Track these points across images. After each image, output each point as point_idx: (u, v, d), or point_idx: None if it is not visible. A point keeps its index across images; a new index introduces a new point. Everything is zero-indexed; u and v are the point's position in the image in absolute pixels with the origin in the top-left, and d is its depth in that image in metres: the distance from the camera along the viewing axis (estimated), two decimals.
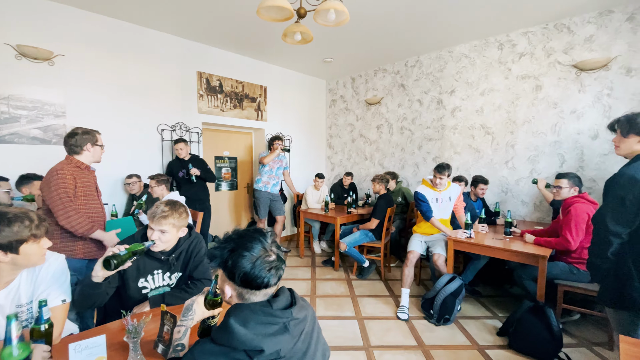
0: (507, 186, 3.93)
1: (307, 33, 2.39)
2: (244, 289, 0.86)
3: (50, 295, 1.27)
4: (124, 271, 1.48)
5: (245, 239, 0.88)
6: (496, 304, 3.11)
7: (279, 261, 0.90)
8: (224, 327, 0.79)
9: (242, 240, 0.88)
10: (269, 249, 0.89)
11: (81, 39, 3.31)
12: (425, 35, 3.97)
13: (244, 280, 0.84)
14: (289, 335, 0.81)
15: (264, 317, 0.81)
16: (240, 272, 0.84)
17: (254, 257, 0.85)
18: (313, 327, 0.93)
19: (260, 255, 0.86)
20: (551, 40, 3.57)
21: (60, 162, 2.08)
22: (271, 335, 0.79)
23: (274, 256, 0.89)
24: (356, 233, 3.70)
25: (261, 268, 0.84)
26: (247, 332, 0.77)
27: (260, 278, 0.84)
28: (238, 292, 0.87)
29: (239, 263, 0.84)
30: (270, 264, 0.86)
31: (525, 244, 2.68)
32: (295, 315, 0.85)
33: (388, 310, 2.95)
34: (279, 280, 0.90)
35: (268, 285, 0.86)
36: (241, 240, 0.88)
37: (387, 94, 5.10)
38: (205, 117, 4.34)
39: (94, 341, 1.08)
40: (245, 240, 0.88)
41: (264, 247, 0.88)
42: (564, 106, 3.51)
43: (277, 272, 0.87)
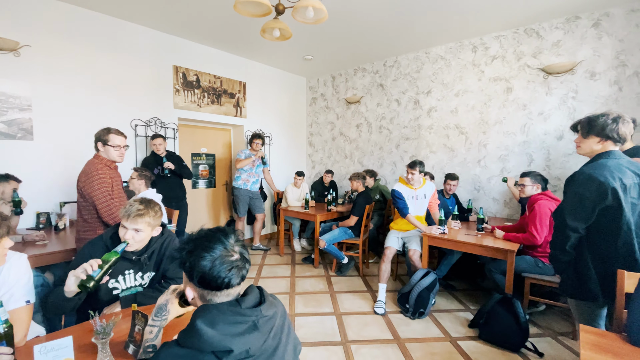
0: (479, 184, 4.09)
1: (285, 30, 2.39)
2: (204, 290, 0.84)
3: (13, 297, 1.21)
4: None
5: (205, 239, 0.86)
6: (469, 297, 3.24)
7: (242, 261, 0.88)
8: (190, 329, 0.77)
9: (202, 240, 0.86)
10: (230, 249, 0.87)
11: (50, 30, 3.15)
12: (403, 36, 4.04)
13: (203, 281, 0.83)
14: (258, 333, 0.81)
15: (232, 316, 0.80)
16: (198, 273, 0.82)
17: (214, 257, 0.83)
18: (284, 323, 0.93)
19: (220, 255, 0.84)
20: (521, 44, 3.73)
21: (92, 160, 2.23)
22: (240, 334, 0.78)
23: (237, 256, 0.87)
24: (335, 230, 3.74)
25: (220, 268, 0.82)
26: (215, 333, 0.75)
27: (219, 278, 0.82)
28: (199, 293, 0.86)
29: (196, 264, 0.82)
30: (231, 264, 0.84)
31: (495, 239, 2.80)
32: (265, 312, 0.85)
33: (366, 305, 3.01)
34: (243, 280, 0.88)
35: (229, 286, 0.84)
36: (201, 240, 0.86)
37: (366, 93, 5.17)
38: (182, 113, 4.24)
39: (60, 342, 1.04)
40: (205, 240, 0.86)
41: (225, 247, 0.86)
42: (533, 108, 3.68)
43: (239, 271, 0.85)
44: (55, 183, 3.27)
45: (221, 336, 0.75)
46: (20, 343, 1.21)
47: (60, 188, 3.30)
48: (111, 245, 1.46)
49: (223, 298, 0.85)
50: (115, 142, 2.21)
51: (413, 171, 3.07)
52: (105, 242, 1.48)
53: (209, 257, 0.82)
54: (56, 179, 3.27)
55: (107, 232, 1.52)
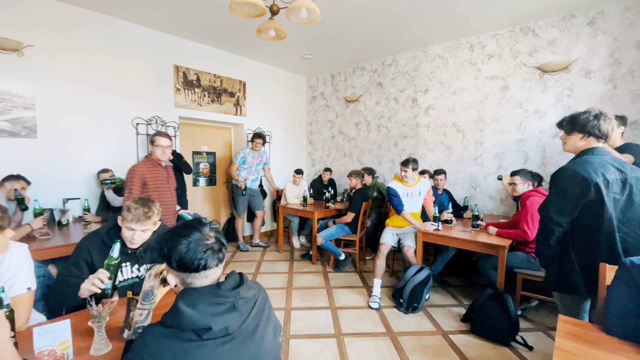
0: (476, 182, 4.12)
1: (281, 30, 2.45)
2: (183, 273, 0.90)
3: (15, 284, 1.28)
4: (93, 266, 1.49)
5: (182, 228, 0.93)
6: (463, 293, 3.28)
7: (218, 244, 0.93)
8: (173, 310, 0.83)
9: (179, 229, 0.93)
10: (205, 234, 0.92)
11: (52, 30, 3.23)
12: (401, 35, 4.08)
13: (180, 264, 0.88)
14: (236, 313, 0.87)
15: (212, 297, 0.86)
16: (175, 257, 0.88)
17: (189, 241, 0.89)
18: (264, 306, 0.99)
19: (195, 239, 0.90)
20: (518, 42, 3.75)
21: (145, 158, 2.75)
22: (219, 314, 0.84)
23: (212, 240, 0.92)
24: (332, 227, 3.79)
25: (196, 250, 0.88)
26: (195, 313, 0.81)
27: (196, 260, 0.87)
28: (180, 278, 0.92)
29: (174, 248, 0.88)
30: (206, 246, 0.90)
31: (488, 235, 2.84)
32: (243, 294, 0.91)
33: (361, 300, 3.06)
34: (220, 262, 0.94)
35: (206, 267, 0.89)
36: (178, 229, 0.93)
37: (365, 92, 5.21)
38: (182, 112, 4.31)
39: (58, 325, 1.11)
40: (181, 228, 0.92)
41: (200, 233, 0.92)
42: (529, 106, 3.70)
43: (214, 253, 0.91)
44: (58, 180, 3.35)
45: (201, 315, 0.81)
46: (22, 328, 1.27)
47: (63, 185, 3.39)
48: (107, 240, 1.51)
49: (202, 281, 0.91)
50: (159, 143, 2.66)
51: (406, 169, 3.12)
52: (101, 236, 1.53)
53: (185, 241, 0.88)
54: (59, 176, 3.36)
55: (104, 227, 1.57)
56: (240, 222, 4.67)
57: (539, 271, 2.64)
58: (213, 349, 0.80)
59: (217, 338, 0.82)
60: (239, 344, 0.85)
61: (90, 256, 1.49)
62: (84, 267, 1.47)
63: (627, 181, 1.59)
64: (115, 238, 1.55)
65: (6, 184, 2.74)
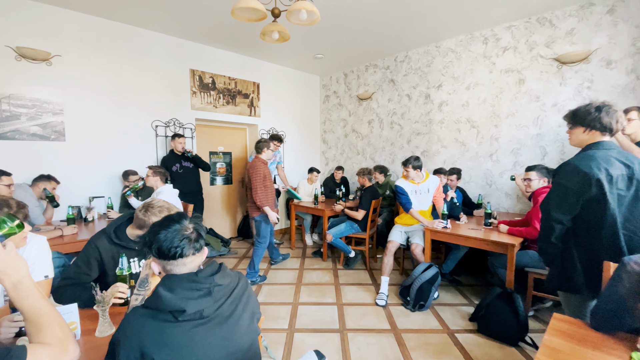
0: (491, 179, 4.01)
1: (284, 32, 2.51)
2: (162, 260, 0.98)
3: (33, 272, 1.42)
4: (103, 263, 1.61)
5: (164, 220, 1.02)
6: (474, 292, 3.21)
7: (195, 234, 1.01)
8: (153, 294, 0.92)
9: (162, 221, 1.02)
10: (184, 225, 1.00)
11: (77, 40, 3.47)
12: (413, 30, 4.04)
13: (160, 252, 0.96)
14: (211, 298, 0.94)
15: (189, 283, 0.94)
16: (155, 245, 0.96)
17: (167, 231, 0.97)
18: (243, 294, 1.06)
19: (174, 229, 0.98)
20: (534, 34, 3.61)
21: (255, 158, 3.44)
22: (194, 298, 0.92)
23: (190, 230, 1.00)
24: (342, 224, 3.82)
25: (173, 239, 0.96)
26: (172, 296, 0.89)
27: (172, 248, 0.95)
28: (161, 265, 1.00)
29: (154, 238, 0.97)
30: (182, 236, 0.98)
31: (499, 234, 2.77)
32: (219, 281, 0.98)
33: (368, 297, 3.08)
34: (197, 251, 1.01)
35: (182, 255, 0.96)
36: (160, 221, 1.02)
37: (377, 89, 5.19)
38: (199, 114, 4.49)
39: (67, 307, 1.22)
40: (164, 221, 1.02)
41: (179, 224, 1.00)
42: (546, 99, 3.56)
43: (190, 242, 0.98)
44: (85, 179, 3.60)
45: (177, 299, 0.89)
46: None
47: (89, 184, 3.63)
48: (115, 238, 1.62)
49: (181, 268, 0.98)
50: (270, 147, 3.44)
51: (407, 169, 3.12)
52: (109, 234, 1.62)
53: (164, 232, 0.97)
54: (86, 175, 3.61)
55: (110, 227, 1.65)
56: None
57: None
58: (187, 330, 0.88)
59: (191, 320, 0.89)
60: (213, 327, 0.92)
61: (99, 254, 1.58)
62: (94, 265, 1.57)
63: (634, 177, 1.52)
64: (122, 236, 1.66)
65: (39, 183, 2.99)
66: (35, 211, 2.89)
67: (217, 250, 4.28)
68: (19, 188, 2.89)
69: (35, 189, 3.01)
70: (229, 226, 5.29)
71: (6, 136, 3.13)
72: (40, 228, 2.80)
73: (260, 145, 3.40)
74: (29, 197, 2.90)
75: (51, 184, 3.12)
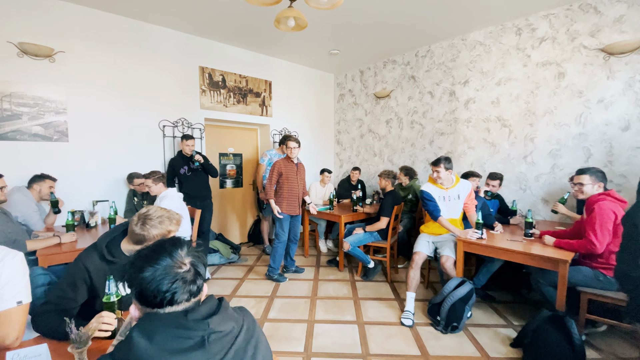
0: (525, 183, 3.64)
1: (301, 18, 2.24)
2: (145, 307, 0.73)
3: (3, 297, 1.17)
4: (93, 285, 1.36)
5: (151, 250, 0.77)
6: (512, 310, 2.86)
7: (193, 274, 0.75)
8: (126, 340, 0.66)
9: (147, 251, 0.77)
10: (178, 260, 0.75)
11: (82, 36, 3.29)
12: (436, 23, 3.73)
13: (142, 297, 0.71)
14: (204, 353, 0.67)
15: (175, 329, 0.68)
16: (137, 287, 0.71)
17: (155, 269, 0.72)
18: (249, 341, 0.78)
19: (164, 266, 0.73)
20: (575, 22, 3.25)
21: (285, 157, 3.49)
22: (182, 351, 0.65)
23: (185, 267, 0.75)
24: (360, 232, 3.52)
25: (162, 281, 0.70)
26: (150, 347, 0.64)
27: (160, 293, 0.70)
28: (142, 311, 0.74)
29: (136, 277, 0.72)
30: (175, 276, 0.72)
31: (544, 246, 2.43)
32: (215, 327, 0.71)
33: (392, 314, 2.77)
34: (193, 296, 0.75)
35: (173, 302, 0.71)
36: (146, 251, 0.77)
37: (396, 87, 4.87)
38: (208, 113, 4.27)
39: (34, 350, 0.98)
40: (150, 251, 0.76)
41: (172, 259, 0.74)
42: (590, 95, 3.19)
43: (185, 285, 0.72)
44: (89, 182, 3.41)
45: (157, 351, 0.63)
46: (14, 344, 1.17)
47: (93, 187, 3.44)
48: (107, 254, 1.37)
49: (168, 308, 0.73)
50: (290, 145, 3.41)
51: (437, 168, 2.78)
52: (100, 250, 1.37)
53: (150, 269, 0.71)
54: (90, 178, 3.42)
55: (102, 241, 1.40)
56: (267, 225, 4.54)
57: (611, 291, 2.19)
58: None
59: None
60: None
61: (88, 275, 1.33)
62: (81, 288, 1.32)
63: None
64: (115, 252, 1.41)
65: (34, 185, 2.79)
66: (33, 216, 2.69)
67: (226, 257, 4.03)
68: (17, 191, 2.70)
69: (33, 192, 2.81)
70: (239, 231, 5.05)
71: (7, 136, 2.96)
72: (38, 235, 2.60)
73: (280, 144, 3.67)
74: (27, 201, 2.71)
75: (46, 183, 2.88)
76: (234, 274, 3.72)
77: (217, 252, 4.00)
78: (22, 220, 2.61)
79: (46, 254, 2.26)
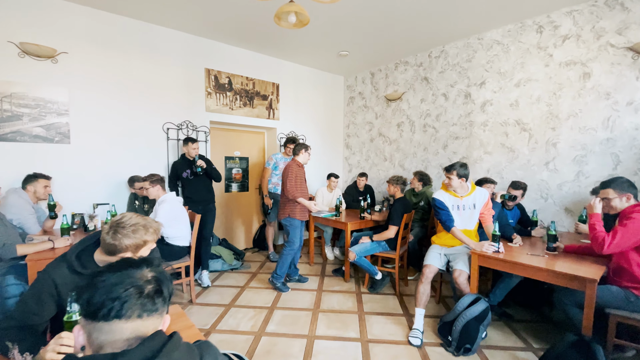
0: (547, 191, 3.38)
1: (302, 14, 2.11)
2: (88, 321, 0.61)
3: None
4: (60, 300, 1.23)
5: (120, 262, 0.69)
6: (532, 331, 2.61)
7: (153, 286, 0.65)
8: None
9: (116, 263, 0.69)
10: (141, 272, 0.67)
11: (85, 37, 3.25)
12: (451, 22, 3.54)
13: (87, 306, 0.61)
14: None
15: None
16: (85, 297, 0.61)
17: (112, 275, 0.64)
18: None
19: (122, 272, 0.65)
20: (601, 19, 3.01)
21: (292, 160, 3.36)
22: None
23: (145, 279, 0.66)
24: (367, 241, 3.33)
25: (114, 288, 0.61)
26: None
27: (108, 300, 0.60)
28: (86, 330, 0.62)
29: (91, 283, 0.63)
30: (131, 283, 0.63)
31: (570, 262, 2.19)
32: None
33: (399, 332, 2.57)
34: (149, 313, 0.63)
35: (121, 314, 0.60)
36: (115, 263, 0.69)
37: (408, 89, 4.68)
38: (213, 116, 4.18)
39: None
40: (119, 263, 0.69)
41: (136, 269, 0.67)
42: (619, 96, 2.93)
43: (139, 297, 0.62)
44: (91, 185, 3.35)
45: None
46: None
47: (95, 189, 3.38)
48: (78, 266, 1.25)
49: (109, 336, 0.60)
50: (309, 151, 3.42)
51: (450, 175, 2.59)
52: (69, 262, 1.25)
53: (106, 274, 0.64)
54: (91, 180, 3.36)
55: (72, 251, 1.28)
56: (271, 231, 4.40)
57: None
58: None
59: None
60: None
61: (55, 288, 1.21)
62: (48, 302, 1.20)
63: None
64: (87, 264, 1.29)
65: (28, 187, 2.72)
66: (29, 219, 2.62)
67: (229, 263, 3.91)
68: (13, 193, 2.64)
69: (28, 193, 2.73)
70: (244, 236, 4.93)
71: (7, 137, 2.92)
72: (33, 238, 2.53)
73: (297, 149, 3.38)
74: (23, 204, 2.64)
75: (40, 182, 2.77)
76: (235, 281, 3.58)
77: (219, 258, 3.89)
78: (17, 223, 2.55)
79: (36, 260, 2.17)
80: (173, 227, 2.89)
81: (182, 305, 2.98)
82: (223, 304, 3.01)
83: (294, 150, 3.42)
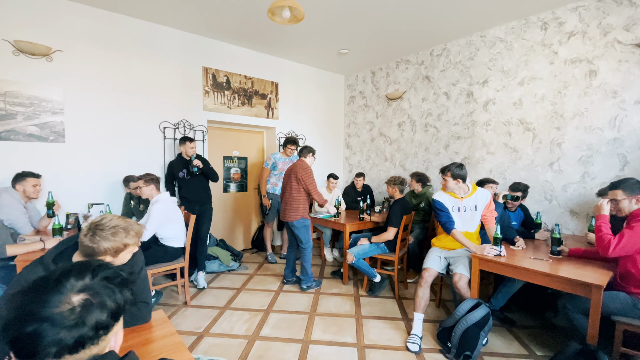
0: (551, 193, 3.29)
1: (297, 9, 2.05)
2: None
3: None
4: None
5: (41, 278, 0.58)
6: (534, 337, 2.53)
7: (77, 317, 0.54)
8: None
9: (35, 281, 0.57)
10: (65, 297, 0.55)
11: (81, 34, 3.21)
12: (453, 19, 3.46)
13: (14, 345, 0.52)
14: None
15: None
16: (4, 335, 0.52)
17: (23, 303, 0.54)
18: None
19: (40, 303, 0.54)
20: (608, 15, 2.91)
21: (300, 160, 3.30)
22: None
23: (69, 306, 0.54)
24: (366, 243, 3.26)
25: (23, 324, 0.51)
26: None
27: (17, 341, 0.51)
28: None
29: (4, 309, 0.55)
30: (45, 317, 0.52)
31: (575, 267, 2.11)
32: None
33: (397, 337, 2.49)
34: (66, 352, 0.54)
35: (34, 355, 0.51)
36: (34, 281, 0.56)
37: (409, 88, 4.60)
38: (211, 115, 4.13)
39: None
40: (40, 278, 0.57)
41: (56, 291, 0.55)
42: (626, 95, 2.84)
43: (56, 332, 0.52)
44: (86, 184, 3.31)
45: None
46: None
47: (90, 189, 3.34)
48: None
49: None
50: (315, 156, 3.44)
51: (445, 177, 2.52)
52: (46, 265, 1.19)
53: (19, 298, 0.54)
54: (86, 180, 3.32)
55: (49, 254, 1.23)
56: (269, 232, 4.34)
57: None
58: None
59: None
60: None
61: None
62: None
63: None
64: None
65: (17, 186, 2.67)
66: (20, 219, 2.58)
67: (226, 265, 3.85)
68: (4, 192, 2.61)
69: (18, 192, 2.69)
70: (242, 237, 4.88)
71: (0, 136, 2.89)
72: (25, 239, 2.48)
73: (304, 151, 3.35)
74: (14, 203, 2.61)
75: (29, 181, 2.71)
76: (231, 283, 3.53)
77: (216, 259, 3.83)
78: (7, 223, 2.51)
79: (25, 260, 2.13)
80: (167, 228, 2.83)
81: (175, 307, 2.92)
82: (218, 306, 2.96)
83: (301, 151, 3.35)
